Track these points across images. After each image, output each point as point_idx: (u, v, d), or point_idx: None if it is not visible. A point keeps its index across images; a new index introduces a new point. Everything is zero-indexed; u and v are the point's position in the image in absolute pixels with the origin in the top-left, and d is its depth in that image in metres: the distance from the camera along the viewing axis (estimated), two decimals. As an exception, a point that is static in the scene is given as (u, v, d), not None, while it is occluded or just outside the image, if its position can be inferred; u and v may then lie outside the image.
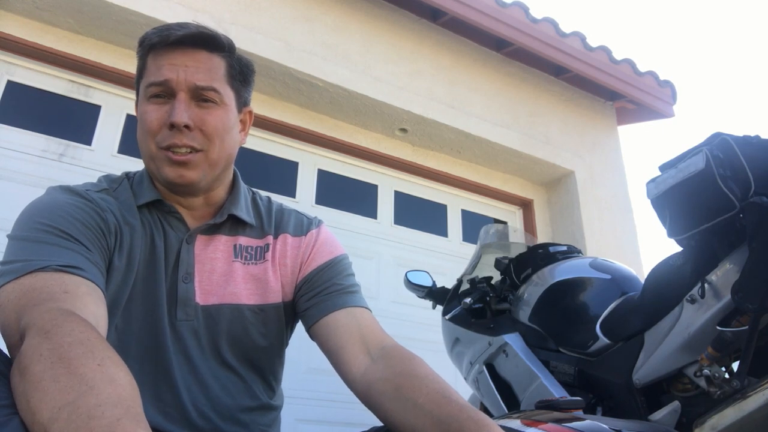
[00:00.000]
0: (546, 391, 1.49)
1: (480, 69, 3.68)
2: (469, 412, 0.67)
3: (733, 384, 1.09)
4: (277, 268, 0.98)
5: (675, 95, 4.10)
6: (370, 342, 0.87)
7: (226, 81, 0.92)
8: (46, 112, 2.60)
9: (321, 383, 2.70)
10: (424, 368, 0.79)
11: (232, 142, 0.94)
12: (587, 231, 3.56)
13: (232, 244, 0.97)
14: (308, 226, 1.05)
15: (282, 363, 1.04)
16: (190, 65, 0.88)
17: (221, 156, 0.91)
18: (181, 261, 0.91)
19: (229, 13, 2.82)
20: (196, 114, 0.88)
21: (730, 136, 1.17)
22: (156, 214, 0.94)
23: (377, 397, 0.78)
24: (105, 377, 0.54)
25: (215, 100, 0.89)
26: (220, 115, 0.90)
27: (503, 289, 1.87)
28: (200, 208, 0.97)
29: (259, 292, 0.96)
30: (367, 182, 3.40)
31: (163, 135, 0.87)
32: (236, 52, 0.96)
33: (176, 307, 0.89)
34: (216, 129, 0.89)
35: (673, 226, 1.25)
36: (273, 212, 1.05)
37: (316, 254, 1.01)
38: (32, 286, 0.70)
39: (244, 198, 1.02)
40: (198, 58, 0.89)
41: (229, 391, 0.92)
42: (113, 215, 0.88)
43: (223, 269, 0.94)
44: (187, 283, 0.91)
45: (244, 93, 0.98)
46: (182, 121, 0.85)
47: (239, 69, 0.96)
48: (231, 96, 0.93)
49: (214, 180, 0.94)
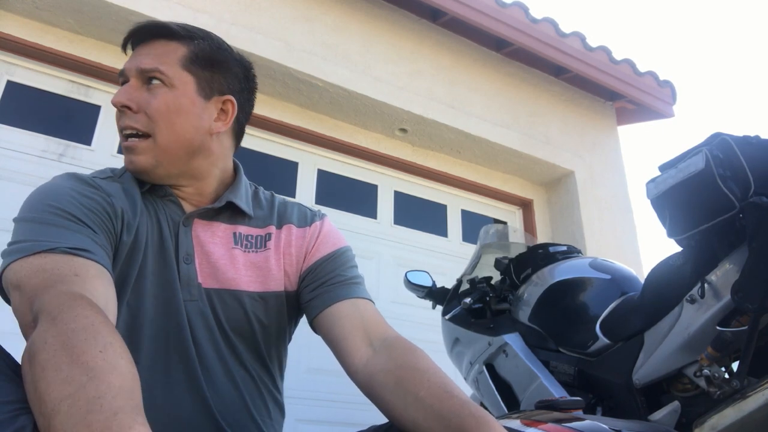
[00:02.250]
0: (546, 391, 1.49)
1: (480, 69, 3.68)
2: (470, 408, 0.67)
3: (733, 384, 1.09)
4: (281, 257, 0.98)
5: (675, 95, 4.10)
6: (372, 333, 0.87)
7: (180, 65, 0.91)
8: (46, 112, 2.60)
9: (321, 383, 2.70)
10: (426, 361, 0.79)
11: (189, 126, 0.91)
12: (587, 231, 3.56)
13: (232, 232, 0.97)
14: (312, 217, 1.05)
15: (284, 356, 1.04)
16: (143, 53, 0.91)
17: (172, 140, 0.89)
18: (180, 243, 0.91)
19: (229, 13, 2.82)
20: (143, 97, 0.89)
21: (729, 136, 1.17)
22: (154, 199, 0.94)
23: (378, 389, 0.78)
24: (106, 366, 0.55)
25: (163, 81, 0.89)
26: (167, 97, 0.89)
27: (503, 289, 1.87)
28: (193, 197, 0.96)
29: (260, 280, 0.95)
30: (367, 182, 3.40)
31: (117, 120, 0.91)
32: (204, 40, 0.95)
33: (180, 287, 0.90)
34: (159, 111, 0.88)
35: (673, 226, 1.25)
36: (276, 205, 1.05)
37: (320, 245, 1.01)
38: (42, 266, 0.71)
39: (245, 191, 1.02)
40: (152, 47, 0.92)
41: (236, 377, 0.92)
42: (119, 200, 0.89)
43: (222, 254, 0.94)
44: (188, 263, 0.91)
45: (215, 80, 0.95)
46: (119, 101, 0.88)
47: (206, 55, 0.94)
48: (188, 80, 0.91)
49: (181, 168, 0.92)
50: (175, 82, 0.90)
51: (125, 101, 0.88)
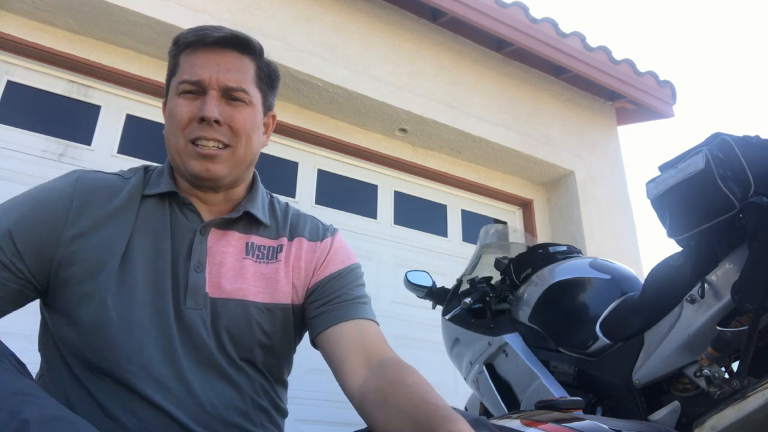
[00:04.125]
0: (546, 391, 1.49)
1: (480, 69, 3.68)
2: (442, 411, 0.68)
3: (733, 384, 1.09)
4: (290, 270, 0.99)
5: (675, 95, 4.10)
6: (371, 355, 0.88)
7: (254, 83, 0.96)
8: (45, 112, 2.60)
9: (321, 383, 2.70)
10: (415, 377, 0.79)
11: (257, 142, 0.98)
12: (587, 231, 3.56)
13: (245, 242, 0.98)
14: (324, 232, 1.06)
15: (289, 367, 1.04)
16: (222, 65, 0.92)
17: (247, 154, 0.95)
18: (194, 251, 0.92)
19: (229, 13, 2.82)
20: (226, 111, 0.92)
21: (729, 136, 1.17)
22: (168, 205, 0.96)
23: (368, 408, 0.80)
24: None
25: (244, 100, 0.94)
26: (248, 113, 0.94)
27: (503, 289, 1.87)
28: (219, 204, 0.99)
29: (268, 291, 0.96)
30: (367, 182, 3.40)
31: (191, 128, 0.91)
32: (263, 55, 1.00)
33: (186, 295, 0.90)
34: (244, 126, 0.93)
35: (673, 226, 1.26)
36: (289, 216, 1.07)
37: (329, 262, 1.02)
38: None
39: (262, 199, 1.04)
40: (229, 59, 0.94)
41: (231, 387, 0.91)
42: (89, 197, 0.92)
43: (233, 264, 0.95)
44: (198, 272, 0.92)
45: (270, 97, 1.03)
46: (213, 116, 0.89)
47: (267, 73, 1.01)
48: (258, 98, 0.98)
49: (238, 178, 0.97)
50: (253, 100, 0.96)
51: (218, 116, 0.90)
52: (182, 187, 0.98)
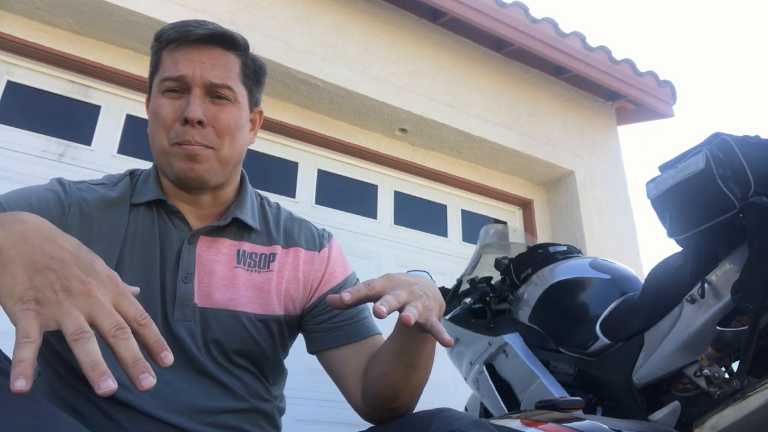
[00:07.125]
0: (546, 391, 1.49)
1: (480, 69, 3.68)
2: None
3: (733, 384, 1.09)
4: (284, 281, 0.96)
5: (675, 95, 4.10)
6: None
7: (239, 79, 0.93)
8: (45, 112, 2.60)
9: (321, 383, 2.69)
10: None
11: (243, 140, 0.94)
12: (587, 231, 3.56)
13: (236, 249, 0.95)
14: (320, 240, 1.03)
15: (281, 369, 1.02)
16: (206, 62, 0.89)
17: (232, 154, 0.92)
18: (182, 260, 0.90)
19: (229, 13, 2.82)
20: (210, 110, 0.88)
21: (729, 136, 1.17)
22: (156, 213, 0.93)
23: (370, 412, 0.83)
24: None
25: (229, 97, 0.90)
26: (233, 112, 0.91)
27: (503, 289, 1.87)
28: (207, 207, 0.96)
29: (259, 302, 0.93)
30: (367, 182, 3.40)
31: (176, 131, 0.87)
32: (250, 51, 0.96)
33: (174, 306, 0.88)
34: (228, 126, 0.89)
35: (673, 226, 1.26)
36: (282, 220, 1.03)
37: (329, 276, 1.00)
38: None
39: (251, 202, 1.00)
40: (214, 55, 0.90)
41: (225, 391, 0.90)
42: (83, 207, 0.89)
43: (224, 273, 0.92)
44: (186, 283, 0.89)
45: (256, 93, 0.99)
46: (196, 117, 0.86)
47: (253, 68, 0.97)
48: (244, 94, 0.94)
49: (224, 177, 0.94)
50: (239, 97, 0.92)
51: (201, 117, 0.86)
52: (169, 191, 0.94)
